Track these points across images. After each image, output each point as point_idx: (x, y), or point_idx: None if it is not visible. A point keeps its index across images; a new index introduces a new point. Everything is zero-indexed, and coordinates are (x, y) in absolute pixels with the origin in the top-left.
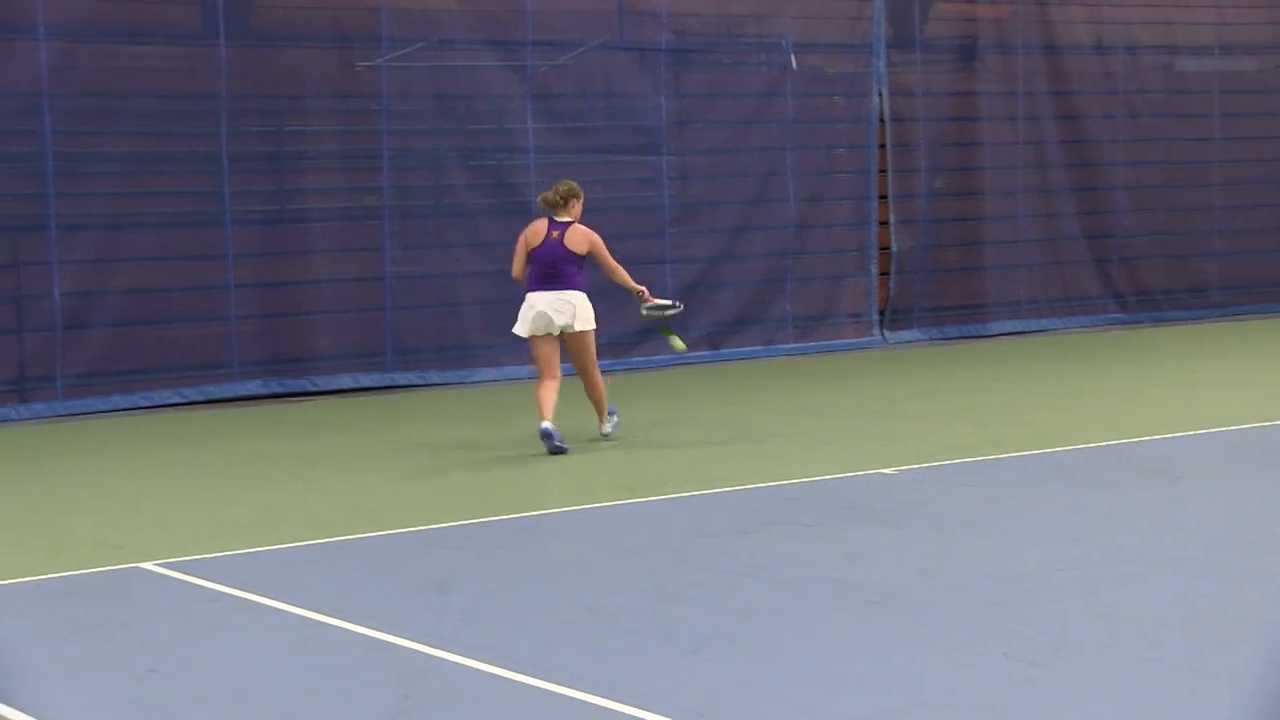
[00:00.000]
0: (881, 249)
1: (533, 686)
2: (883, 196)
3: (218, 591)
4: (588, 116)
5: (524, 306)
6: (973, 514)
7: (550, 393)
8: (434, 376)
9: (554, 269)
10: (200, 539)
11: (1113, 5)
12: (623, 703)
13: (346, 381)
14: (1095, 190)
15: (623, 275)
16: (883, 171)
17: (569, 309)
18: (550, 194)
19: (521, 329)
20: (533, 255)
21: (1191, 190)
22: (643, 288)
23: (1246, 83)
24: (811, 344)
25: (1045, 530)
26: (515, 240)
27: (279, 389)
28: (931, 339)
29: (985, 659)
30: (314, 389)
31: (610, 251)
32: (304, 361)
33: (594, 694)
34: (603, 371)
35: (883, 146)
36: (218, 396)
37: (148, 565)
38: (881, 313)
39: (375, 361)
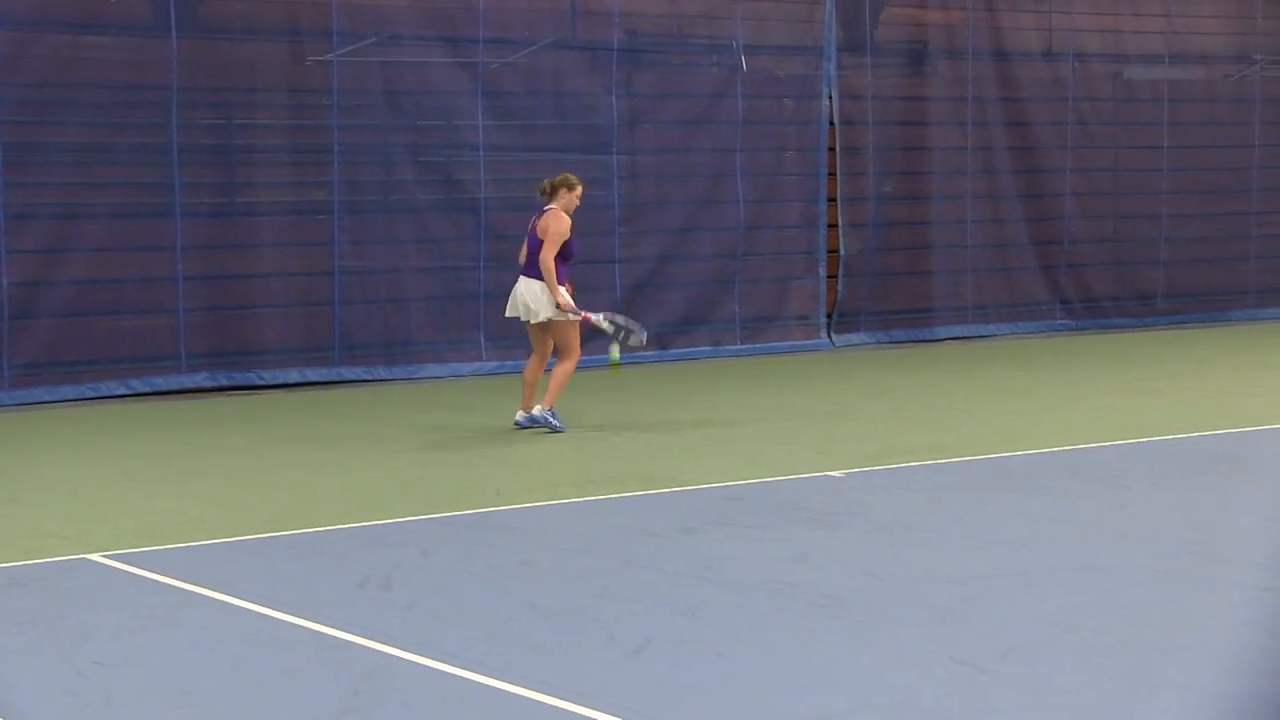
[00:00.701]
0: (830, 252)
1: (479, 684)
2: (831, 199)
3: (165, 584)
4: (538, 115)
5: None
6: (920, 518)
7: (531, 374)
8: (381, 372)
9: (531, 254)
10: (147, 531)
11: (1062, 13)
12: (568, 701)
13: (294, 376)
14: (1043, 197)
15: (549, 274)
16: (832, 174)
17: (533, 301)
18: (544, 183)
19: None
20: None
21: (1139, 198)
22: (564, 300)
23: (1195, 92)
24: (759, 345)
25: (992, 535)
26: (464, 236)
27: (226, 382)
28: (879, 342)
29: (931, 663)
30: (261, 383)
31: (559, 246)
32: (251, 355)
33: (539, 692)
34: (547, 370)
35: (832, 149)
36: (164, 389)
37: (94, 557)
38: (829, 315)
39: (323, 356)
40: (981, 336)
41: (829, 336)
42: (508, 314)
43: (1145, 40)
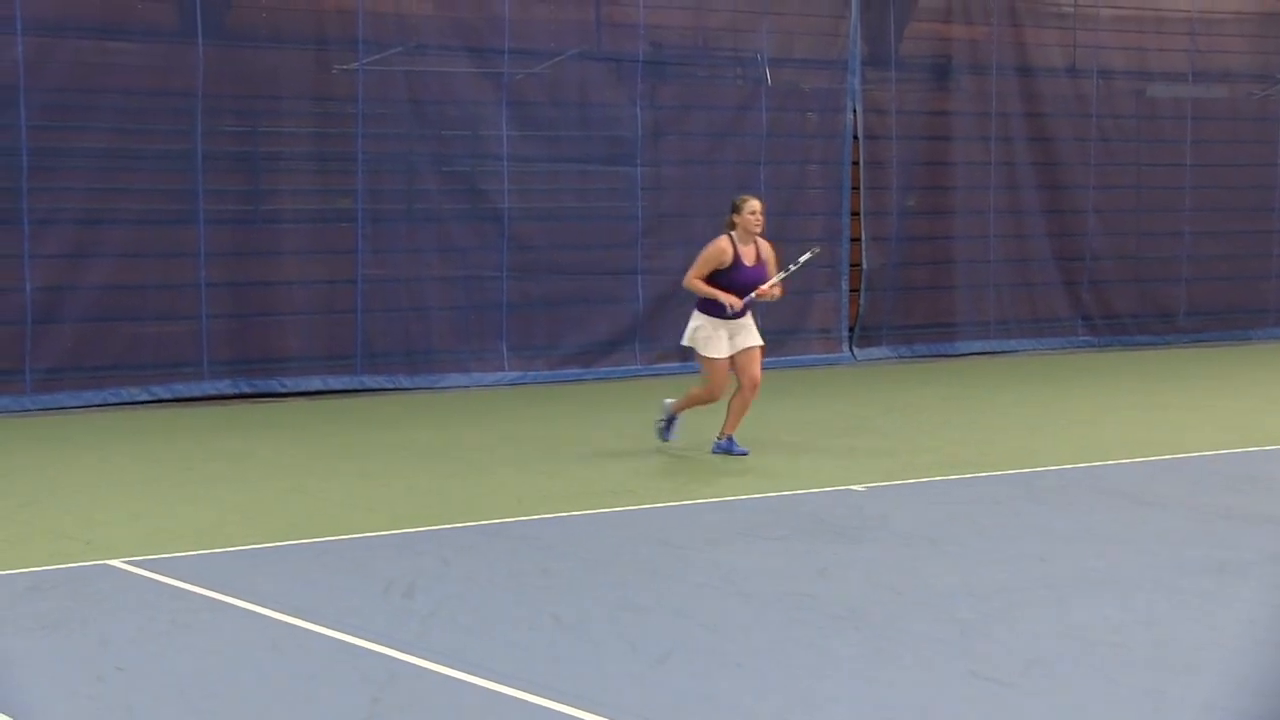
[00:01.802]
0: (852, 265)
1: (499, 693)
2: (855, 213)
3: (185, 590)
4: (562, 125)
5: None
6: (941, 532)
7: (735, 400)
8: (403, 381)
9: None
10: (168, 537)
11: (1086, 29)
12: (588, 711)
13: (316, 384)
14: (1066, 213)
15: (695, 287)
16: (855, 188)
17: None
18: None
19: None
20: None
21: (1162, 215)
22: (730, 299)
23: (1219, 110)
24: (781, 358)
25: (1013, 550)
26: (487, 246)
27: (248, 389)
28: (900, 357)
29: (952, 677)
30: (283, 390)
31: (699, 268)
32: (274, 362)
33: (560, 702)
34: (570, 381)
35: (856, 163)
36: (186, 395)
37: (115, 562)
38: (851, 329)
39: (345, 364)
40: (1003, 352)
41: (850, 350)
42: None
43: (1169, 58)
